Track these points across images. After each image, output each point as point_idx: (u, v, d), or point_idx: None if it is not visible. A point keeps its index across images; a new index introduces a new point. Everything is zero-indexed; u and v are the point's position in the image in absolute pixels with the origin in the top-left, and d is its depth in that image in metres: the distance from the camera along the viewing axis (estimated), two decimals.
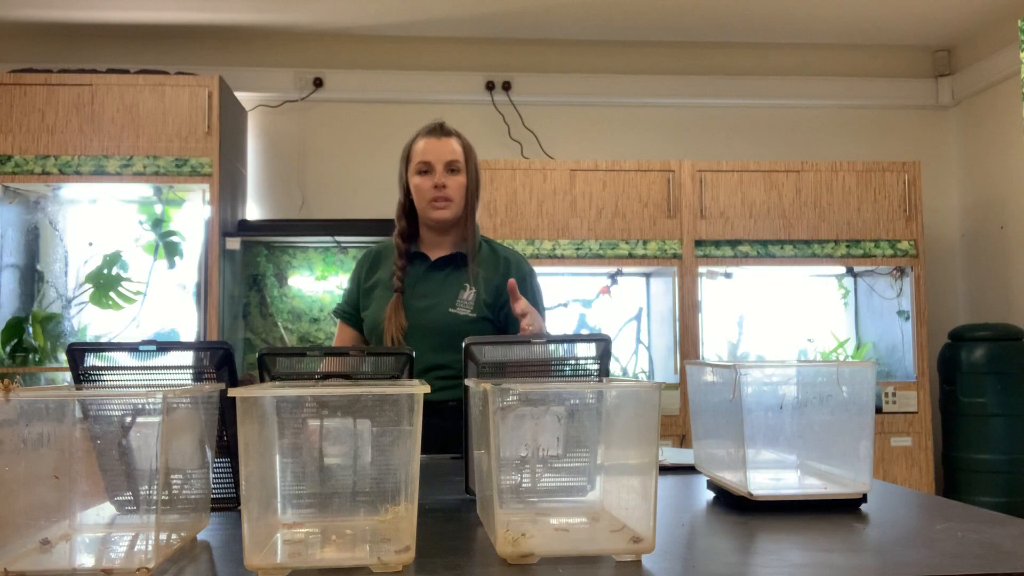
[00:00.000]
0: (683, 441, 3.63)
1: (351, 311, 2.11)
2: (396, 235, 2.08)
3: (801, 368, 1.34)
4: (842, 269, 4.08)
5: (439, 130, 2.06)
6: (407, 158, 2.08)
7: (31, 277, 3.78)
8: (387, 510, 1.01)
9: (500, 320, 2.04)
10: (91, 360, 1.16)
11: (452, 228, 2.08)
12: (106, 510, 1.10)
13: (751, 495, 1.18)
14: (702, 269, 3.82)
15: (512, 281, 1.81)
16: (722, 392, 1.25)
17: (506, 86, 4.38)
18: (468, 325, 1.97)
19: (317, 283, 3.84)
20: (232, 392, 0.89)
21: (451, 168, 2.03)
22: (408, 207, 2.09)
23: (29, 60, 4.08)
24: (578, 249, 3.76)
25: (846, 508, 1.20)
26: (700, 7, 4.06)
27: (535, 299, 2.08)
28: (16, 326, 3.52)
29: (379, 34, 4.37)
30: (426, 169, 2.02)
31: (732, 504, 1.24)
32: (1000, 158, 4.23)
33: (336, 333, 2.16)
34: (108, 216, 3.84)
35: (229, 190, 3.79)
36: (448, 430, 1.62)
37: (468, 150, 2.08)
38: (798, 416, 1.25)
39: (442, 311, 1.99)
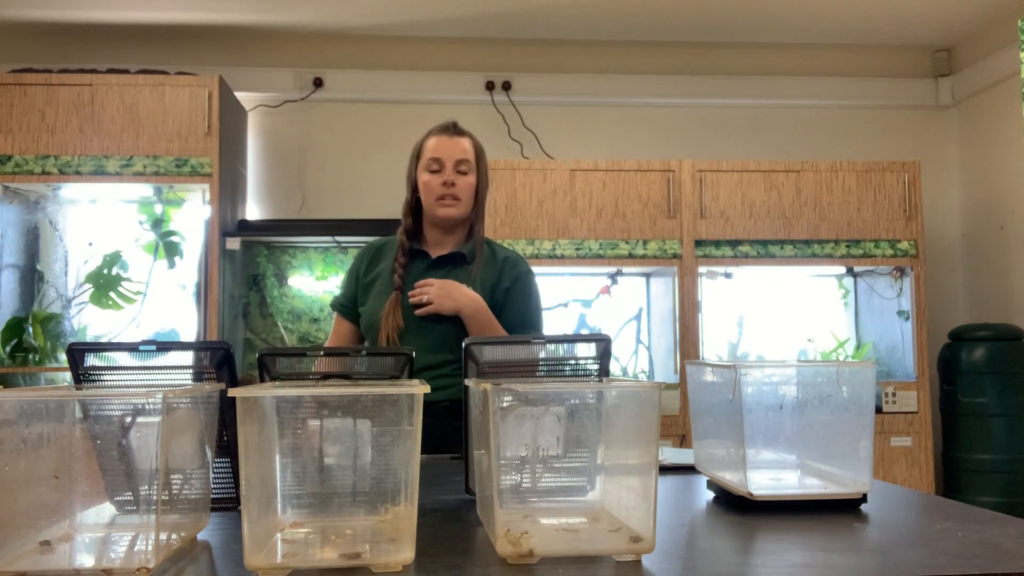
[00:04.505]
0: (683, 441, 3.63)
1: (349, 305, 2.10)
2: (401, 232, 2.08)
3: (801, 368, 1.33)
4: (842, 269, 4.08)
5: (452, 129, 2.06)
6: (417, 155, 2.07)
7: (31, 277, 3.78)
8: (387, 510, 1.01)
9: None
10: (91, 360, 1.16)
11: (457, 228, 2.08)
12: (106, 510, 1.10)
13: (751, 495, 1.18)
14: (702, 269, 3.82)
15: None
16: (722, 392, 1.25)
17: (506, 86, 4.38)
18: (462, 325, 1.97)
19: (317, 283, 3.84)
20: (232, 392, 0.89)
21: (461, 168, 2.03)
22: (415, 205, 2.09)
23: (29, 60, 4.08)
24: (578, 249, 3.76)
25: (846, 508, 1.20)
26: (700, 7, 4.06)
27: (531, 299, 2.07)
28: (16, 326, 3.52)
29: (379, 34, 4.37)
30: (437, 168, 2.02)
31: (732, 504, 1.24)
32: (1000, 158, 4.23)
33: (332, 327, 2.15)
34: (108, 216, 3.84)
35: (229, 190, 3.79)
36: (442, 430, 1.62)
37: (479, 151, 2.08)
38: (798, 416, 1.25)
39: None
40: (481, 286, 2.01)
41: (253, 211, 4.26)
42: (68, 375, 1.18)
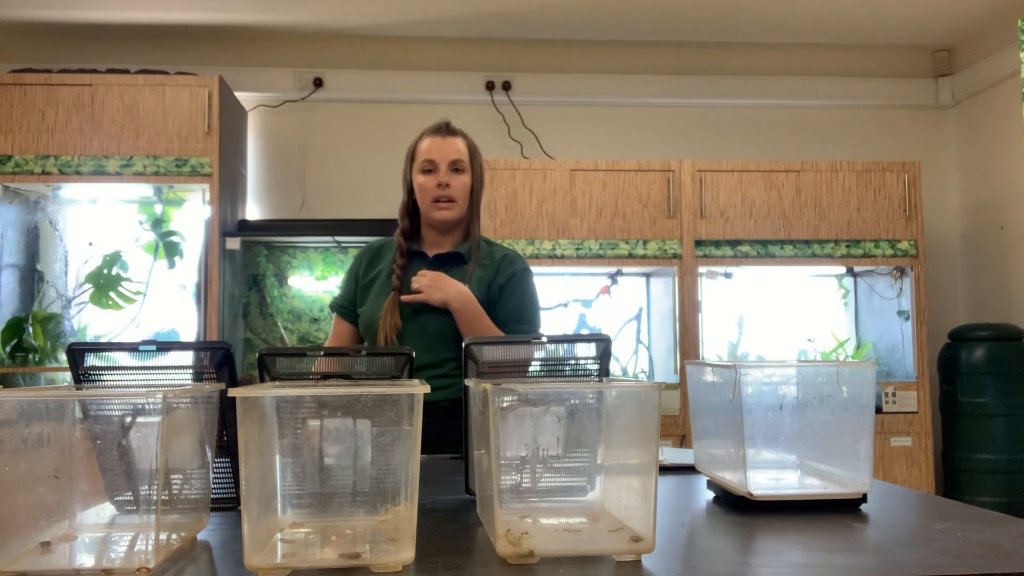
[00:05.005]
0: (683, 441, 3.63)
1: (348, 306, 2.10)
2: (398, 234, 2.08)
3: (801, 368, 1.33)
4: (842, 269, 4.08)
5: (444, 129, 2.06)
6: (412, 157, 2.08)
7: (31, 277, 3.78)
8: (387, 510, 1.01)
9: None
10: (91, 360, 1.16)
11: (454, 228, 2.09)
12: (106, 510, 1.10)
13: (751, 495, 1.18)
14: (702, 269, 3.82)
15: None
16: (722, 392, 1.25)
17: (506, 86, 4.38)
18: None
19: (317, 283, 3.84)
20: (232, 392, 0.89)
21: (455, 167, 2.03)
22: (411, 206, 2.10)
23: (29, 60, 4.08)
24: (578, 249, 3.76)
25: (846, 508, 1.20)
26: (700, 7, 4.06)
27: (526, 296, 2.06)
28: (16, 326, 3.52)
29: (379, 34, 4.37)
30: (430, 168, 2.02)
31: (732, 504, 1.24)
32: (1000, 158, 4.23)
33: (332, 328, 2.16)
34: (108, 216, 3.84)
35: (229, 190, 3.79)
36: (440, 430, 1.61)
37: (473, 150, 2.08)
38: (798, 416, 1.25)
39: (435, 309, 1.99)
40: (478, 284, 2.01)
41: (253, 211, 4.26)
42: (68, 375, 1.18)
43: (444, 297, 1.95)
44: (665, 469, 1.58)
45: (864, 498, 1.22)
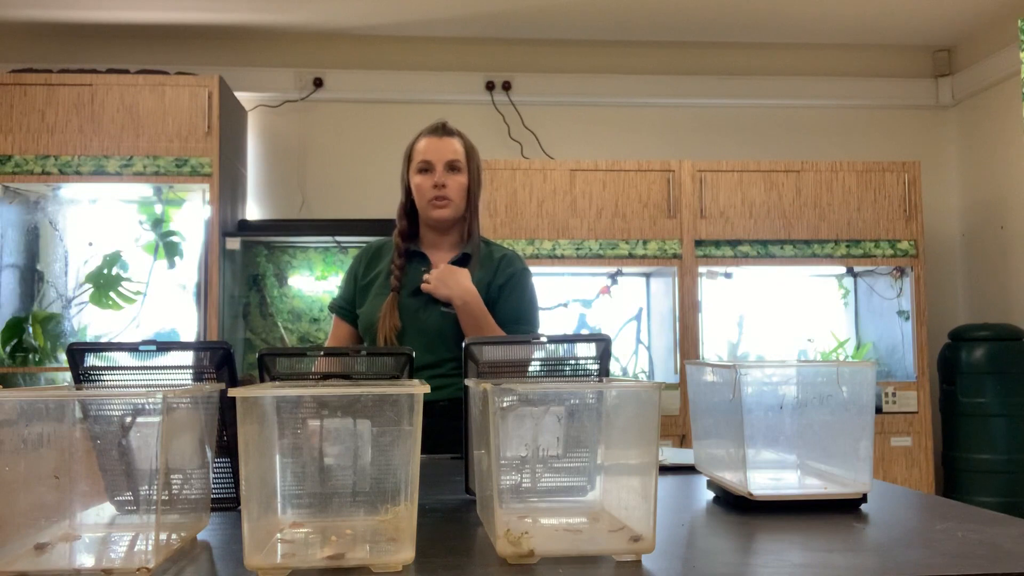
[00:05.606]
0: (683, 441, 3.63)
1: (347, 307, 2.11)
2: (396, 234, 2.09)
3: (801, 368, 1.33)
4: (842, 269, 4.08)
5: (441, 130, 2.07)
6: (409, 157, 2.08)
7: (31, 277, 3.78)
8: (387, 510, 1.01)
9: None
10: (91, 360, 1.16)
11: (452, 228, 2.09)
12: (106, 510, 1.10)
13: (751, 495, 1.18)
14: (702, 269, 3.82)
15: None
16: (722, 392, 1.25)
17: (506, 86, 4.38)
18: (459, 325, 1.97)
19: (317, 283, 3.84)
20: (232, 392, 0.89)
21: (452, 167, 2.03)
22: (409, 207, 2.10)
23: (29, 60, 4.08)
24: (578, 249, 3.76)
25: (846, 508, 1.20)
26: (700, 7, 4.06)
27: (525, 296, 2.06)
28: (16, 326, 3.52)
29: (379, 34, 4.37)
30: (427, 168, 2.03)
31: (732, 504, 1.24)
32: (1000, 158, 4.23)
33: (331, 329, 2.16)
34: (108, 216, 3.84)
35: (229, 190, 3.79)
36: (438, 430, 1.61)
37: (470, 150, 2.08)
38: (798, 416, 1.25)
39: (434, 310, 1.99)
40: (477, 285, 2.01)
41: (253, 211, 4.26)
42: (68, 375, 1.18)
43: (448, 294, 1.95)
44: (665, 469, 1.58)
45: (864, 498, 1.22)
